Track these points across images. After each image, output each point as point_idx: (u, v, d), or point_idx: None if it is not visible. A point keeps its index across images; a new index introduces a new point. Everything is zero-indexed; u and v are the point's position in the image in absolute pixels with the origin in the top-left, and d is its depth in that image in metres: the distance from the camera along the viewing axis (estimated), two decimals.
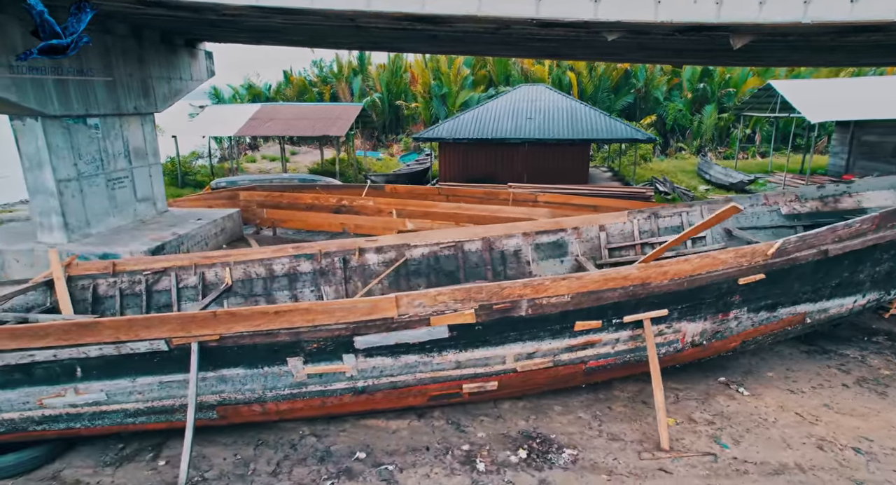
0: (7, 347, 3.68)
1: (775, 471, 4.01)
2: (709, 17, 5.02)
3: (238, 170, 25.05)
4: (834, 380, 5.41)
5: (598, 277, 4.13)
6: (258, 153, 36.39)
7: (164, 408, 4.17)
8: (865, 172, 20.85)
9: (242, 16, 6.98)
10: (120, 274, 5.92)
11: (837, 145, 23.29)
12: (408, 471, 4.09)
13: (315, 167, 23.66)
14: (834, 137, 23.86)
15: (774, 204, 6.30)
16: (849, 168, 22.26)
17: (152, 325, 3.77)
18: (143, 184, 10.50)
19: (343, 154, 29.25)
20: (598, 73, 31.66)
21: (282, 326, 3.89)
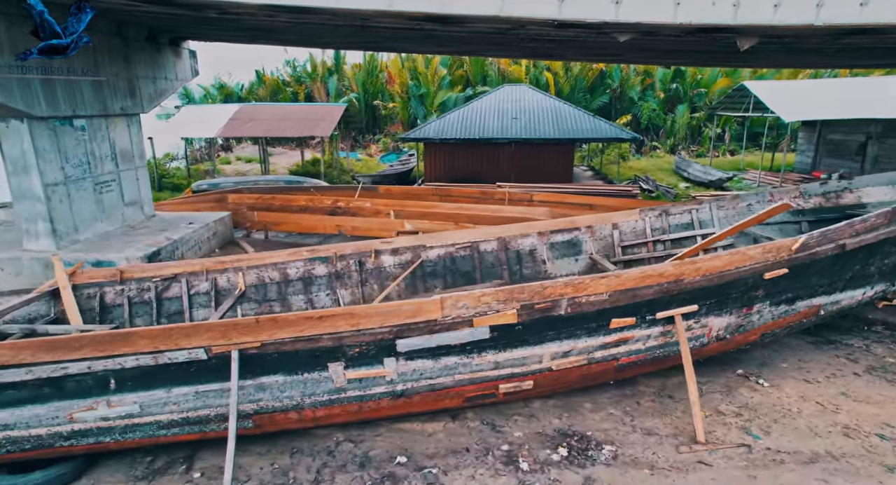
0: (40, 359, 3.50)
1: (810, 460, 4.14)
2: (726, 19, 5.15)
3: (215, 172, 24.45)
4: (845, 369, 5.61)
5: (636, 274, 4.18)
6: (232, 154, 35.58)
7: (199, 418, 4.04)
8: (831, 169, 21.76)
9: (244, 14, 6.82)
10: (128, 282, 5.70)
11: (804, 144, 24.23)
12: (452, 473, 4.07)
13: (295, 168, 23.29)
14: (801, 136, 24.81)
15: (779, 200, 6.51)
16: (815, 165, 23.18)
17: (192, 333, 3.64)
18: (131, 187, 10.14)
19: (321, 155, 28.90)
20: (574, 74, 32.13)
21: (325, 331, 3.81)
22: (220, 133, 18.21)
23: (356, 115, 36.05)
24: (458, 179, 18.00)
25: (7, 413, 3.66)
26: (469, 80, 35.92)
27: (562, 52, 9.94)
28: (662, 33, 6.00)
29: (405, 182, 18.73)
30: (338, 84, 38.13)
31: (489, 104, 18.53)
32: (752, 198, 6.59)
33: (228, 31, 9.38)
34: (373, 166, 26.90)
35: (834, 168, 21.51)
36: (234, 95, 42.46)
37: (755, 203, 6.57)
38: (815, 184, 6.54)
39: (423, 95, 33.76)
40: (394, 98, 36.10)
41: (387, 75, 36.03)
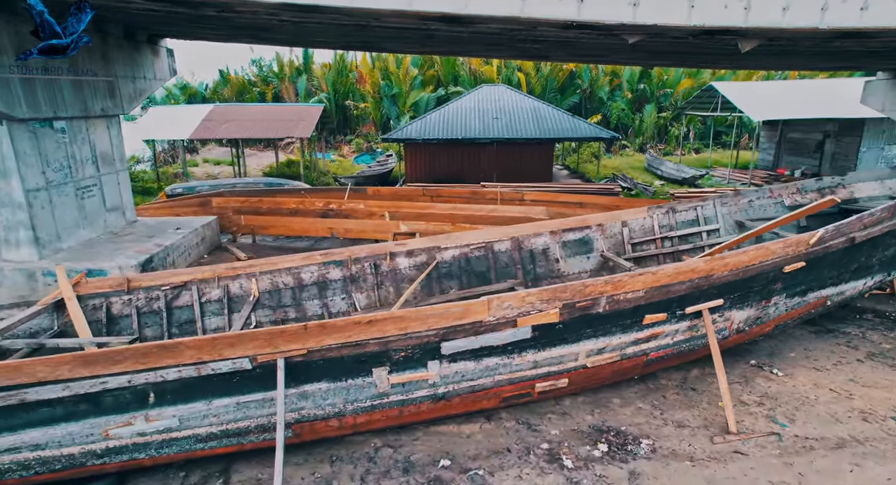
0: (78, 374, 3.31)
1: (837, 445, 4.32)
2: (737, 22, 5.32)
3: (185, 175, 23.66)
4: (848, 356, 5.89)
5: (671, 270, 4.27)
6: (198, 156, 34.51)
7: (239, 430, 3.90)
8: (793, 165, 22.80)
9: (245, 13, 6.63)
10: (135, 291, 5.45)
11: (766, 142, 25.27)
12: (498, 474, 4.06)
13: (269, 170, 22.78)
14: (762, 135, 25.86)
15: (779, 196, 6.78)
16: (777, 163, 24.23)
17: (237, 342, 3.52)
18: (112, 192, 9.71)
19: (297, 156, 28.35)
20: (544, 74, 32.59)
21: (372, 336, 3.74)
22: (194, 135, 17.63)
23: (329, 116, 35.55)
24: (439, 179, 17.98)
25: (39, 433, 3.44)
26: (440, 80, 35.93)
27: (553, 52, 10.06)
28: (670, 35, 6.15)
29: (386, 183, 18.58)
30: (307, 84, 37.49)
31: (469, 104, 18.58)
32: (752, 194, 6.84)
33: (216, 30, 9.09)
34: (348, 167, 26.57)
35: (795, 165, 22.55)
36: (197, 96, 41.24)
37: (755, 199, 6.82)
38: (811, 180, 6.84)
39: (395, 95, 33.58)
40: (365, 98, 35.78)
41: (357, 75, 35.64)
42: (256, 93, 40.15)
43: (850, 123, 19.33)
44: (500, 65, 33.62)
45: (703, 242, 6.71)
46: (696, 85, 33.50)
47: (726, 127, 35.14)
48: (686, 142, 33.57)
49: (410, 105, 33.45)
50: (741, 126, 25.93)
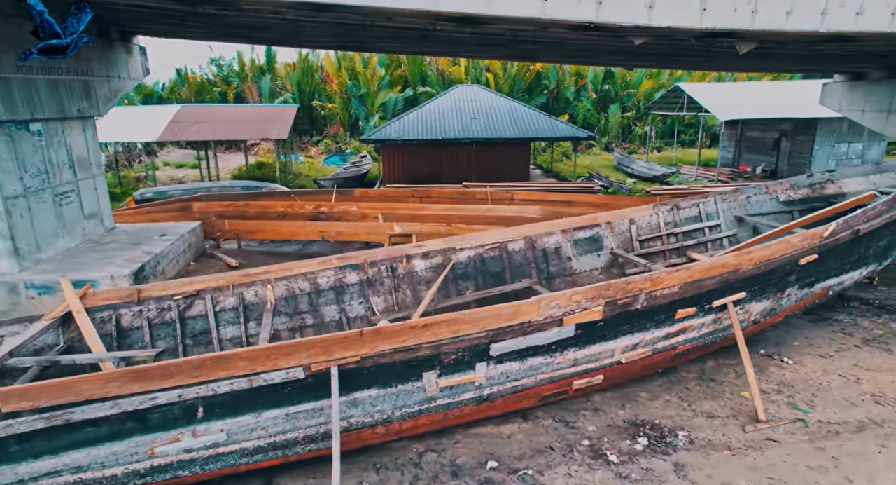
0: (128, 391, 3.12)
1: (859, 428, 4.55)
2: (745, 24, 5.53)
3: (148, 179, 22.69)
4: (847, 342, 6.21)
5: (704, 266, 4.40)
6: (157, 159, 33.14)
7: (286, 442, 3.77)
8: (753, 162, 23.86)
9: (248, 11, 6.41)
10: (146, 301, 5.19)
11: (726, 140, 26.34)
12: (547, 473, 4.08)
13: (239, 173, 22.10)
14: (723, 134, 26.96)
15: (774, 192, 7.08)
16: (737, 160, 25.31)
17: (292, 351, 3.40)
18: (90, 198, 9.20)
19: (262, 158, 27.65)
20: (512, 74, 32.95)
21: (426, 340, 3.69)
22: (162, 137, 16.92)
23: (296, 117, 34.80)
24: (417, 180, 17.90)
25: (82, 454, 3.23)
26: (408, 80, 35.79)
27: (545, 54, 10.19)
28: (674, 37, 6.33)
29: (363, 184, 18.37)
30: (271, 84, 36.61)
31: (446, 105, 18.58)
32: (750, 191, 7.12)
33: (203, 28, 8.74)
34: (319, 169, 26.10)
35: (754, 162, 23.61)
36: (153, 96, 39.62)
37: (753, 196, 7.10)
38: (803, 176, 7.19)
39: (363, 96, 33.21)
40: (332, 98, 35.24)
41: (324, 75, 35.06)
42: (217, 93, 38.92)
43: (805, 122, 20.39)
44: (469, 65, 33.78)
45: (706, 237, 6.94)
46: (657, 86, 34.64)
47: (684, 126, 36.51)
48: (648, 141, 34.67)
49: (379, 105, 33.18)
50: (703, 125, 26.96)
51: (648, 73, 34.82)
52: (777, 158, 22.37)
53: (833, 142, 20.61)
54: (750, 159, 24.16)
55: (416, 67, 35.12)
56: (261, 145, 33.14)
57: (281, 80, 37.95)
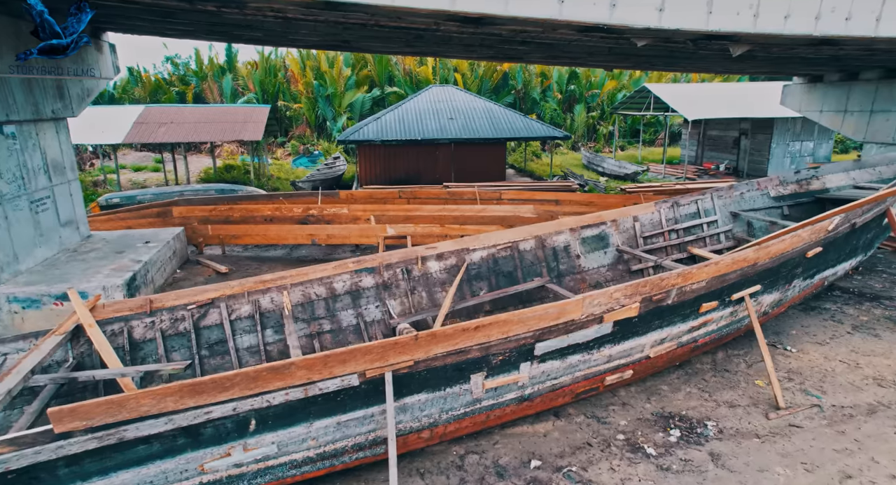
0: (183, 405, 2.97)
1: (870, 411, 4.81)
2: (747, 27, 5.76)
3: (107, 182, 21.63)
4: (839, 330, 6.55)
5: (729, 260, 4.56)
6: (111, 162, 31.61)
7: (335, 451, 3.68)
8: (714, 160, 24.85)
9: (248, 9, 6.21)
10: (158, 312, 4.95)
11: (688, 139, 27.35)
12: (591, 469, 4.13)
13: (206, 176, 21.34)
14: (684, 133, 27.97)
15: (764, 188, 7.40)
16: (698, 159, 26.31)
17: (350, 358, 3.32)
18: (65, 205, 8.71)
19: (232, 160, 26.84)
20: (479, 74, 33.17)
21: (477, 342, 3.67)
22: (128, 139, 16.14)
23: None
24: (395, 180, 17.79)
25: (131, 474, 3.05)
26: (374, 80, 35.47)
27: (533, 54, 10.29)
28: (673, 40, 6.52)
29: (340, 186, 18.09)
30: (233, 84, 35.54)
31: (422, 105, 18.52)
32: (743, 187, 7.42)
33: (187, 26, 8.40)
34: (289, 171, 25.54)
35: (717, 160, 24.60)
36: (104, 96, 37.76)
37: (746, 192, 7.41)
38: (790, 172, 7.53)
39: (330, 96, 32.70)
40: (297, 98, 34.54)
41: (290, 74, 34.33)
42: (174, 93, 37.47)
43: (763, 122, 21.41)
44: (436, 65, 33.79)
45: (704, 233, 7.18)
46: (619, 87, 35.63)
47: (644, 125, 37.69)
48: (612, 139, 35.61)
49: (346, 106, 32.76)
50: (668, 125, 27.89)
51: (611, 74, 35.75)
52: (737, 155, 23.38)
53: (788, 140, 21.71)
54: (712, 157, 25.16)
55: (383, 67, 34.87)
56: (223, 147, 32.16)
57: (243, 79, 36.90)
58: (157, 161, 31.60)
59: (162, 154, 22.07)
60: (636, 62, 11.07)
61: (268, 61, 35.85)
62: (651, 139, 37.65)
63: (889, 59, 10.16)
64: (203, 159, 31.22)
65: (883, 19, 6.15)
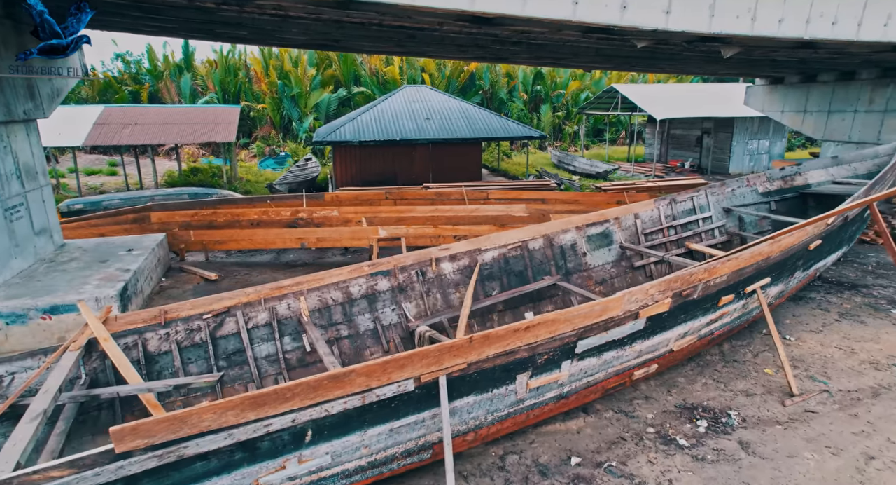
0: (244, 419, 2.84)
1: (874, 393, 5.09)
2: (745, 30, 6.00)
3: (60, 187, 20.45)
4: (827, 318, 6.90)
5: (748, 255, 4.73)
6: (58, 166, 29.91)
7: (385, 459, 3.61)
8: (678, 158, 25.73)
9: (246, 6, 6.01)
10: (172, 323, 4.73)
11: (651, 138, 28.23)
12: (630, 463, 4.21)
13: (172, 179, 20.49)
14: (647, 132, 28.86)
15: (753, 184, 7.73)
16: (662, 157, 27.20)
17: (408, 363, 3.26)
18: (39, 212, 8.19)
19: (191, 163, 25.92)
20: (447, 74, 33.22)
21: (526, 342, 3.67)
22: (90, 141, 15.31)
23: None
24: (371, 182, 17.59)
25: None
26: (340, 80, 34.96)
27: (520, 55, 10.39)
28: (671, 41, 6.71)
29: (315, 188, 17.75)
30: (192, 83, 34.27)
31: (396, 106, 18.38)
32: (734, 184, 7.72)
33: (169, 23, 8.04)
34: (256, 173, 24.85)
35: (681, 157, 25.50)
36: None
37: (737, 188, 7.71)
38: (776, 170, 7.89)
39: (295, 96, 32.02)
40: (260, 98, 33.65)
41: (252, 74, 33.41)
42: (127, 93, 35.78)
43: (724, 121, 22.33)
44: (402, 65, 33.63)
45: (700, 228, 7.43)
46: (583, 87, 36.42)
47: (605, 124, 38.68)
48: (577, 139, 36.37)
49: (312, 106, 32.16)
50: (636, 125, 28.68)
51: (574, 74, 36.52)
52: (700, 153, 24.30)
53: (747, 139, 22.74)
54: (676, 155, 26.06)
55: (348, 67, 34.41)
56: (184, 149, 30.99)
57: (202, 78, 35.64)
58: (111, 164, 30.16)
59: (122, 157, 21.03)
60: (618, 63, 11.35)
61: (227, 60, 34.78)
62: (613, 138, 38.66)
63: (849, 63, 10.79)
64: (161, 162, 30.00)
65: (863, 25, 6.53)
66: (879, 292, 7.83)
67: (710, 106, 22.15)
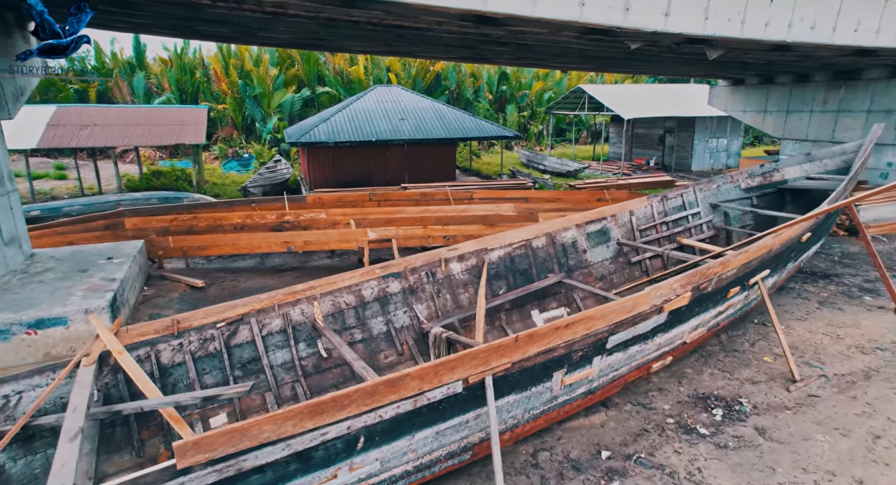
0: (302, 428, 2.76)
1: (865, 376, 5.42)
2: (735, 33, 6.25)
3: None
4: (809, 306, 7.29)
5: (755, 248, 4.94)
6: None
7: (430, 462, 3.59)
8: (642, 156, 26.53)
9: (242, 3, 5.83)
10: (185, 333, 4.53)
11: (615, 137, 29.01)
12: (658, 453, 4.33)
13: (132, 183, 19.54)
14: (612, 131, 29.63)
15: (736, 181, 8.06)
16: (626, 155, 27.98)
17: (458, 364, 3.25)
18: (7, 220, 7.68)
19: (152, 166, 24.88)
20: (413, 74, 33.11)
21: (565, 339, 3.72)
22: (44, 143, 14.42)
23: None
24: (345, 183, 17.34)
25: None
26: (303, 80, 34.29)
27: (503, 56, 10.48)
28: (661, 43, 6.93)
29: (287, 190, 17.35)
30: (146, 82, 32.83)
31: (369, 105, 18.19)
32: (719, 181, 8.03)
33: (146, 18, 7.68)
34: (221, 175, 24.05)
35: (645, 156, 26.30)
36: None
37: (722, 185, 8.03)
38: (756, 167, 8.27)
39: (258, 96, 31.18)
40: (220, 99, 32.60)
41: (212, 73, 32.34)
42: (72, 91, 33.89)
43: (686, 120, 23.18)
44: (368, 65, 33.31)
45: (690, 223, 7.70)
46: (546, 87, 37.04)
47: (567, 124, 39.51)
48: (542, 138, 36.96)
49: (276, 106, 31.42)
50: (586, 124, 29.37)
51: (537, 75, 37.11)
52: (663, 152, 25.15)
53: (707, 137, 23.68)
54: (639, 153, 26.86)
55: (311, 67, 33.80)
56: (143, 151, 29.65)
57: (156, 77, 34.19)
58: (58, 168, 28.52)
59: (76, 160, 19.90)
60: (597, 64, 11.61)
61: (181, 58, 33.52)
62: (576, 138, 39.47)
63: (811, 66, 11.42)
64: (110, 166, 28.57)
65: (837, 29, 6.94)
66: (849, 281, 8.32)
67: (671, 106, 22.94)
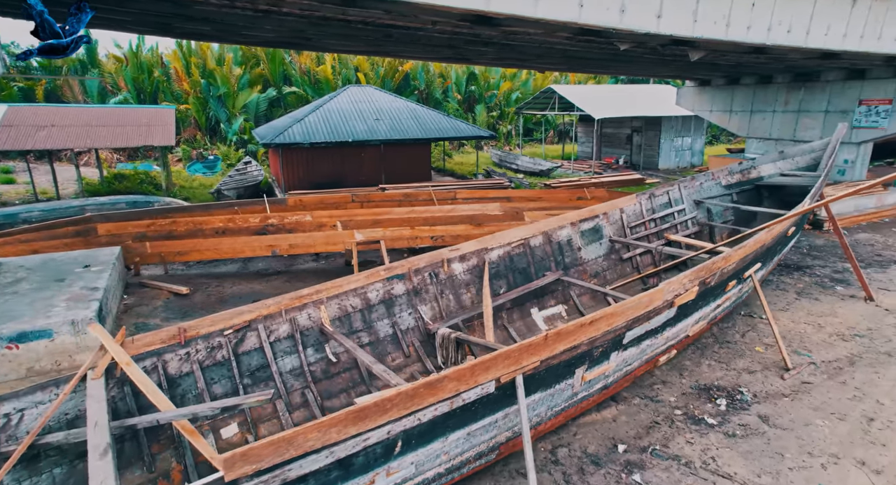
0: (345, 435, 2.72)
1: (850, 362, 5.71)
2: (720, 35, 6.48)
3: None
4: (788, 297, 7.63)
5: (752, 243, 5.14)
6: None
7: (461, 463, 3.58)
8: (610, 155, 27.14)
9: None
10: (192, 342, 4.38)
11: (583, 136, 29.57)
12: (672, 444, 4.45)
13: (93, 187, 18.66)
14: (580, 130, 30.19)
15: (717, 178, 8.36)
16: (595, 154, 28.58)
17: (492, 364, 3.26)
18: None
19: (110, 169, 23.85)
20: (381, 74, 32.88)
21: (588, 336, 3.78)
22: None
23: None
24: (319, 184, 17.08)
25: None
26: (269, 79, 33.55)
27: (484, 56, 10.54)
28: (648, 44, 7.11)
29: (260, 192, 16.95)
30: (101, 81, 31.43)
31: (343, 106, 17.95)
32: (702, 178, 8.31)
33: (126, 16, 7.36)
34: (186, 178, 23.26)
35: (614, 155, 26.91)
36: None
37: (704, 182, 8.30)
38: (735, 164, 8.58)
39: (222, 96, 30.32)
40: (181, 99, 31.53)
41: (172, 72, 31.25)
42: (16, 90, 32.05)
43: (653, 120, 23.84)
44: (335, 64, 32.88)
45: (676, 220, 7.93)
46: (513, 87, 37.42)
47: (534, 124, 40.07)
48: (511, 138, 37.35)
49: (241, 107, 30.64)
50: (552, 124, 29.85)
51: (505, 75, 37.46)
52: (631, 150, 25.79)
53: (673, 136, 24.42)
54: (608, 152, 27.46)
55: (277, 66, 33.11)
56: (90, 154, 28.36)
57: (110, 76, 32.77)
58: (4, 171, 26.96)
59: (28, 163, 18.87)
60: (577, 65, 11.82)
61: (137, 56, 32.25)
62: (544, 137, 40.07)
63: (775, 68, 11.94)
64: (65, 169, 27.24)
65: (810, 33, 7.29)
66: (820, 272, 8.75)
67: (638, 106, 23.55)
